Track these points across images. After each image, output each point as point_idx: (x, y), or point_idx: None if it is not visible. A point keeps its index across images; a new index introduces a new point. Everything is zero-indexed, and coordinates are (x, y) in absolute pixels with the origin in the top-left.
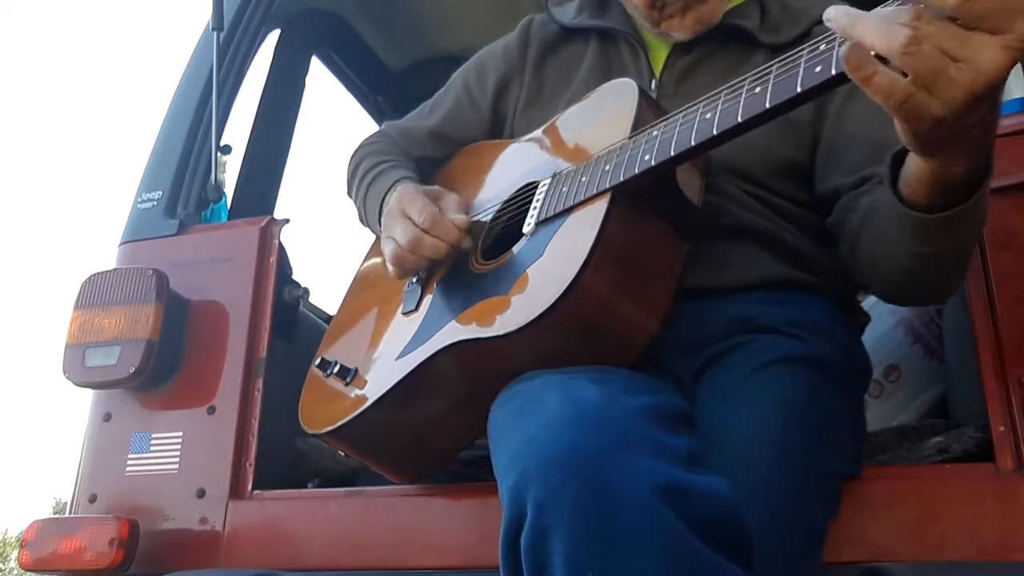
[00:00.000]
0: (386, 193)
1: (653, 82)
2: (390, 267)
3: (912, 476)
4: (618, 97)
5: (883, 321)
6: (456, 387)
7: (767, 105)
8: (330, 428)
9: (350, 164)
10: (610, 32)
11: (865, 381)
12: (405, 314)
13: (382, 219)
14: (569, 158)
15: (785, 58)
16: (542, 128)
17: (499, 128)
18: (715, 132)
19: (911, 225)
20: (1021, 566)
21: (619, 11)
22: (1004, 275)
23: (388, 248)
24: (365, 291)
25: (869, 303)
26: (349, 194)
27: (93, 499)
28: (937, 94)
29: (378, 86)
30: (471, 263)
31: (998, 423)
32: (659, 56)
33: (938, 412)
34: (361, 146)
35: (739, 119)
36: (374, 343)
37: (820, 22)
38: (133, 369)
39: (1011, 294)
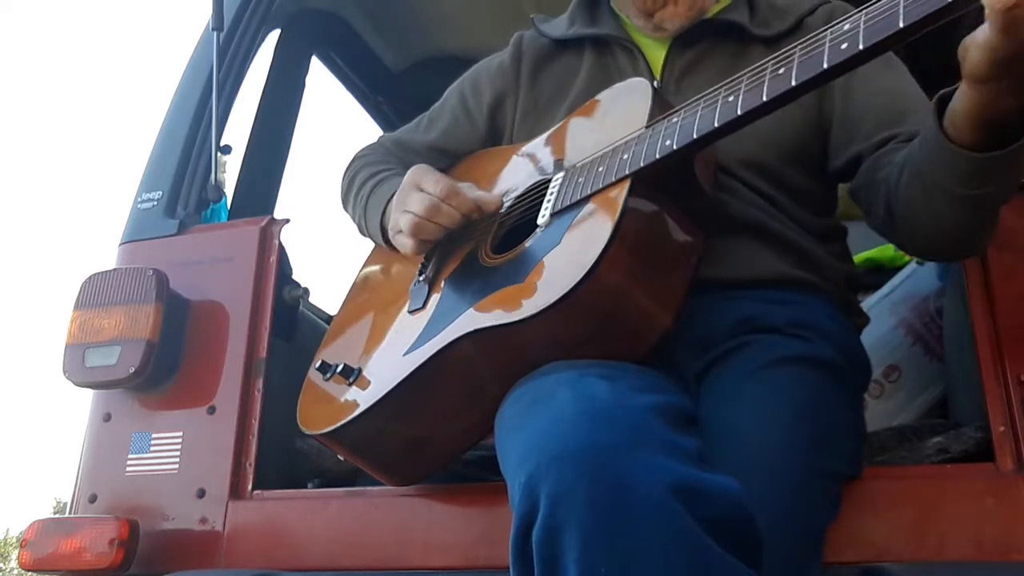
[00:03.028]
0: (388, 201)
1: (654, 83)
2: (406, 241)
3: (912, 476)
4: (631, 95)
5: (883, 321)
6: (464, 382)
7: (792, 83)
8: (330, 428)
9: (345, 176)
10: (605, 40)
11: (865, 381)
12: (411, 312)
13: (395, 197)
14: (582, 155)
15: (806, 41)
16: (552, 129)
17: (496, 143)
18: (739, 112)
19: (965, 165)
20: (1021, 566)
21: (611, 19)
22: (1004, 275)
23: (404, 220)
24: (367, 293)
25: (869, 303)
26: (345, 206)
27: (93, 499)
28: None
29: (378, 86)
30: (481, 258)
31: (998, 423)
32: (656, 58)
33: (938, 412)
34: (356, 157)
35: (764, 98)
36: (379, 342)
37: (810, 13)
38: (133, 369)
39: (1011, 294)
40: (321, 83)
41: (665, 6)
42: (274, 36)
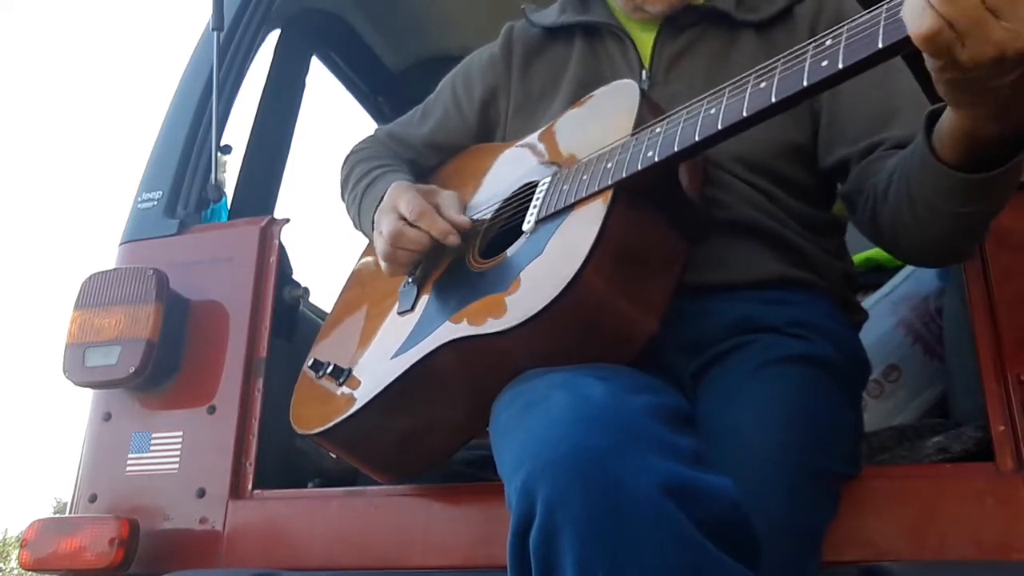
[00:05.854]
0: (380, 200)
1: (643, 72)
2: (381, 262)
3: (912, 476)
4: (619, 98)
5: (883, 321)
6: (450, 386)
7: (772, 100)
8: (322, 428)
9: (342, 170)
10: (595, 27)
11: (864, 380)
12: (400, 314)
13: (375, 217)
14: (570, 158)
15: (790, 54)
16: (541, 130)
17: (488, 136)
18: (720, 127)
19: (950, 183)
20: (1021, 566)
21: (601, 6)
22: (1004, 275)
23: (379, 244)
24: (359, 291)
25: (869, 302)
26: (343, 199)
27: (93, 499)
28: (967, 43)
29: (378, 86)
30: (468, 262)
31: (998, 423)
32: (645, 45)
33: (938, 412)
34: (353, 152)
35: (744, 114)
36: (368, 343)
37: (801, 0)
38: (133, 369)
39: (1011, 294)
40: (321, 83)
41: None
42: (274, 36)
